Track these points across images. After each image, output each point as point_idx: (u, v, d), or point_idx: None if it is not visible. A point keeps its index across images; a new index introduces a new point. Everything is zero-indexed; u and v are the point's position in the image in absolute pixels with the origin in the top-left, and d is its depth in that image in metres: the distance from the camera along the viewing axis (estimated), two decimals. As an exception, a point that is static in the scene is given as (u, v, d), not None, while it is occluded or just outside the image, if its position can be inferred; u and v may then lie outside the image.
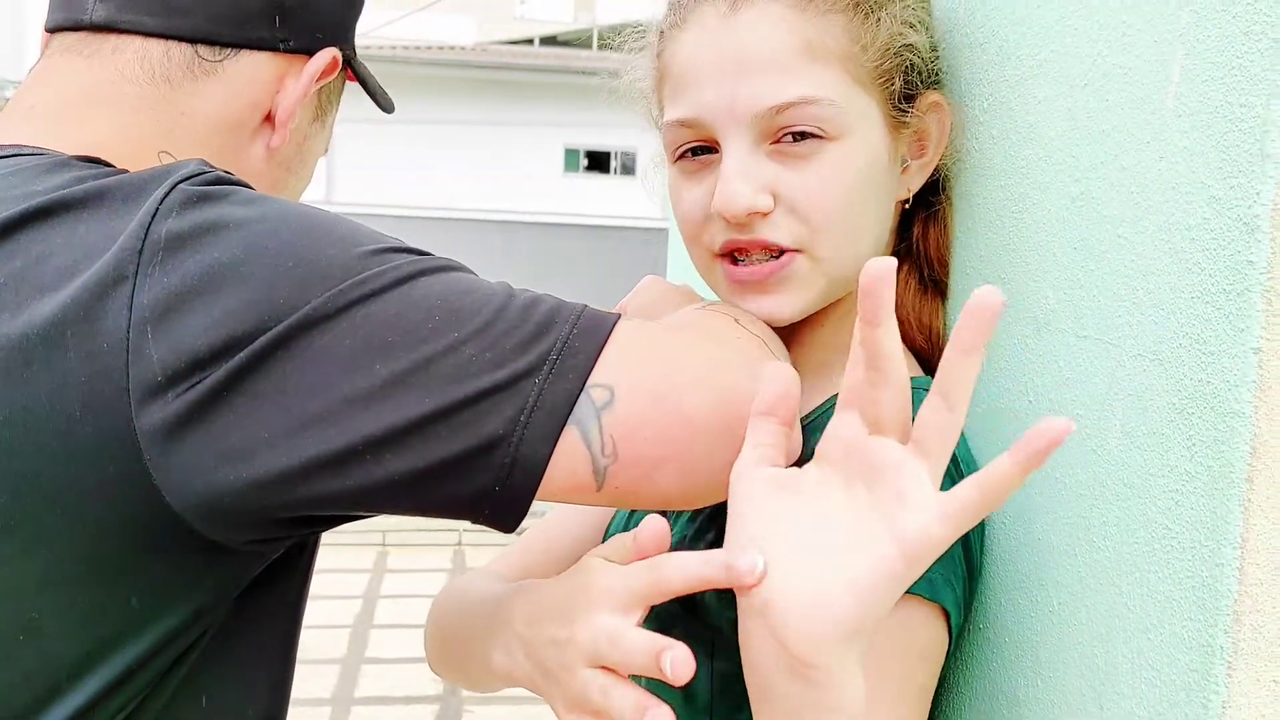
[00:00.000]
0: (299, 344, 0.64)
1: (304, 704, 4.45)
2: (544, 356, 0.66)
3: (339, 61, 0.87)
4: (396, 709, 4.57)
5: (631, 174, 17.47)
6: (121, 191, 0.69)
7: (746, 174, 0.78)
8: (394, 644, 5.08)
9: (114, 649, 0.67)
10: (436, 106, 15.60)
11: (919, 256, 0.89)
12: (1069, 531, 0.73)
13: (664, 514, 0.92)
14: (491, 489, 0.66)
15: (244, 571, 0.72)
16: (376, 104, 0.99)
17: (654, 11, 0.89)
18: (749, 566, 0.59)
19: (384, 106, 0.99)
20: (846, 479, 0.60)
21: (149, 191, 0.68)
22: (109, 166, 0.75)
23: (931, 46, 0.84)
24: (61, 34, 0.83)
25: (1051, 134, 0.77)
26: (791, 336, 0.85)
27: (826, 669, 0.58)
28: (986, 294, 0.53)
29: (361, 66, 0.95)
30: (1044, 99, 0.78)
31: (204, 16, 0.81)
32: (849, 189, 0.79)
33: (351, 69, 0.93)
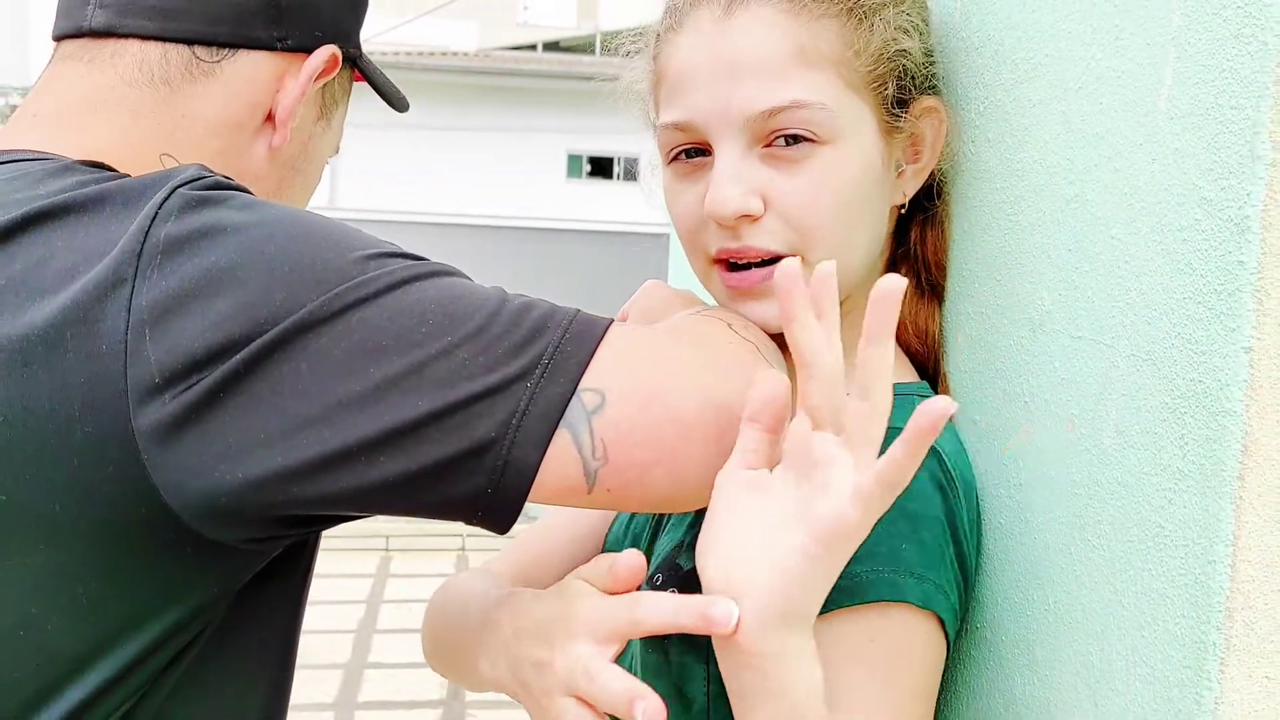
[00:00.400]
0: (294, 347, 0.64)
1: (307, 709, 4.45)
2: (536, 360, 0.67)
3: (339, 59, 0.87)
4: (400, 714, 4.57)
5: (634, 180, 17.47)
6: (122, 196, 0.70)
7: (738, 177, 0.78)
8: (397, 649, 5.08)
9: (114, 645, 0.68)
10: (439, 112, 15.61)
11: (917, 261, 0.89)
12: (1064, 530, 0.73)
13: (662, 517, 0.93)
14: (484, 491, 0.67)
15: (242, 570, 0.72)
16: (389, 103, 0.99)
17: (654, 15, 0.90)
18: (724, 615, 0.61)
19: (396, 105, 0.99)
20: (796, 475, 0.63)
21: (148, 196, 0.69)
22: (111, 171, 0.76)
23: (926, 52, 0.84)
24: (65, 42, 0.84)
25: (1046, 137, 0.77)
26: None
27: (765, 655, 0.61)
28: (888, 282, 0.57)
29: (370, 66, 0.95)
30: (1039, 102, 0.78)
31: (200, 18, 0.81)
32: (841, 193, 0.79)
33: (358, 69, 0.94)
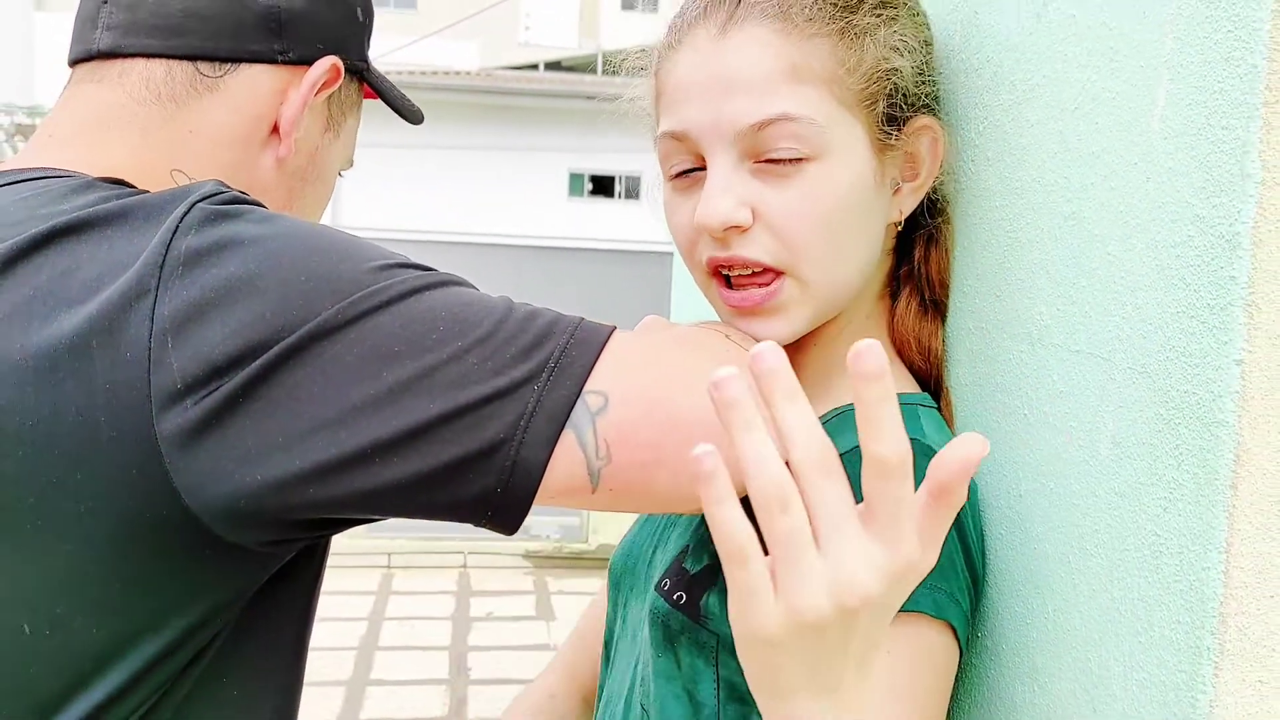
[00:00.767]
0: (310, 353, 0.67)
1: (309, 726, 4.46)
2: (543, 364, 0.69)
3: (340, 71, 0.89)
4: (402, 731, 4.58)
5: (636, 198, 17.53)
6: (143, 210, 0.72)
7: (728, 189, 0.80)
8: (399, 666, 5.09)
9: (135, 644, 0.69)
10: (442, 131, 15.68)
11: (920, 279, 0.91)
12: (1063, 540, 0.75)
13: (669, 528, 0.95)
14: (494, 491, 0.69)
15: (259, 571, 0.74)
16: (401, 115, 1.01)
17: (656, 34, 0.92)
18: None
19: (408, 117, 1.01)
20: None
21: (169, 210, 0.71)
22: (130, 187, 0.78)
23: (920, 71, 0.85)
24: (78, 66, 0.86)
25: (1044, 156, 0.79)
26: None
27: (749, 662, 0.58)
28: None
29: (379, 79, 0.97)
30: (1037, 122, 0.80)
31: (201, 34, 0.84)
32: (830, 208, 0.80)
33: (367, 82, 0.95)
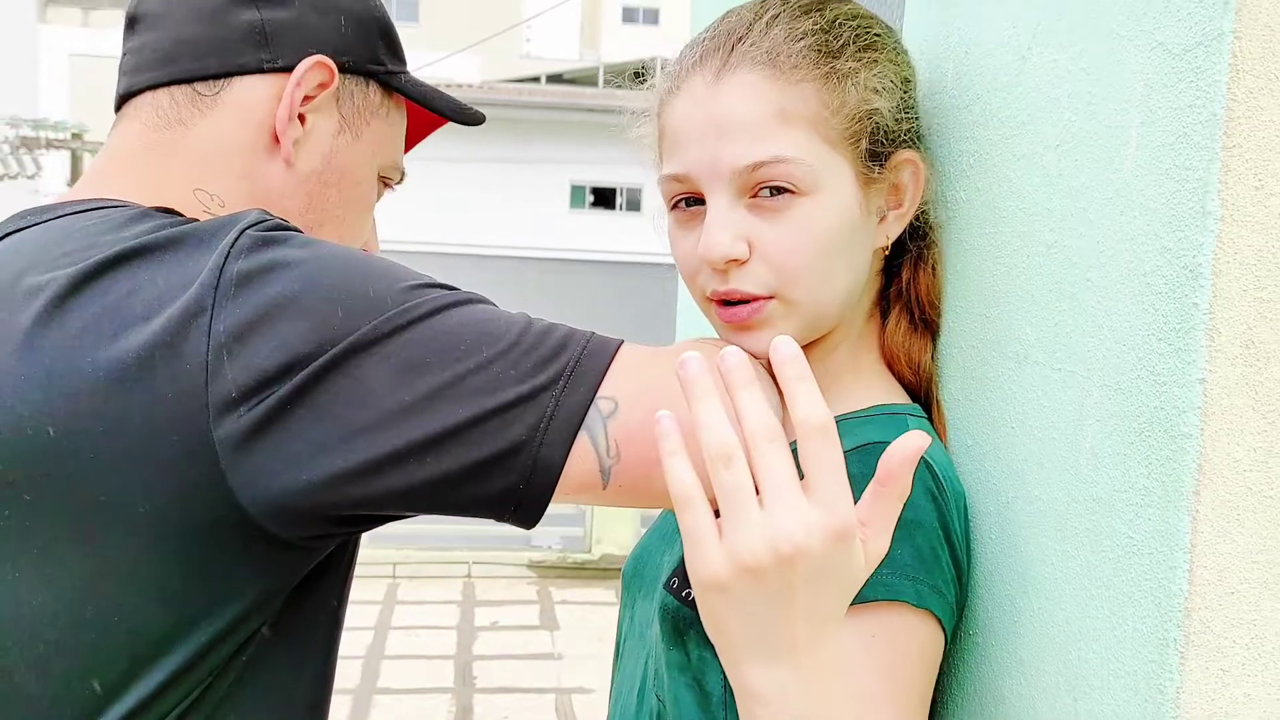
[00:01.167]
0: (351, 364, 0.73)
1: (317, 734, 4.51)
2: (559, 373, 0.76)
3: (331, 68, 0.92)
4: (408, 739, 4.63)
5: (637, 210, 17.62)
6: (196, 237, 0.78)
7: (726, 224, 0.86)
8: (404, 674, 5.14)
9: (192, 630, 0.76)
10: (444, 144, 15.75)
11: (910, 299, 0.98)
12: (1046, 543, 0.82)
13: (678, 529, 1.01)
14: (517, 488, 0.76)
15: (300, 565, 0.80)
16: (448, 118, 1.04)
17: (656, 48, 0.99)
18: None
19: (457, 118, 1.05)
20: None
21: (220, 236, 0.77)
22: (180, 216, 0.85)
23: (900, 108, 0.92)
24: (118, 110, 0.94)
25: (1029, 188, 0.86)
26: None
27: (705, 616, 0.64)
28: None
29: (415, 85, 1.01)
30: (1023, 157, 0.87)
31: (192, 57, 0.90)
32: (820, 238, 0.87)
33: (394, 88, 0.99)
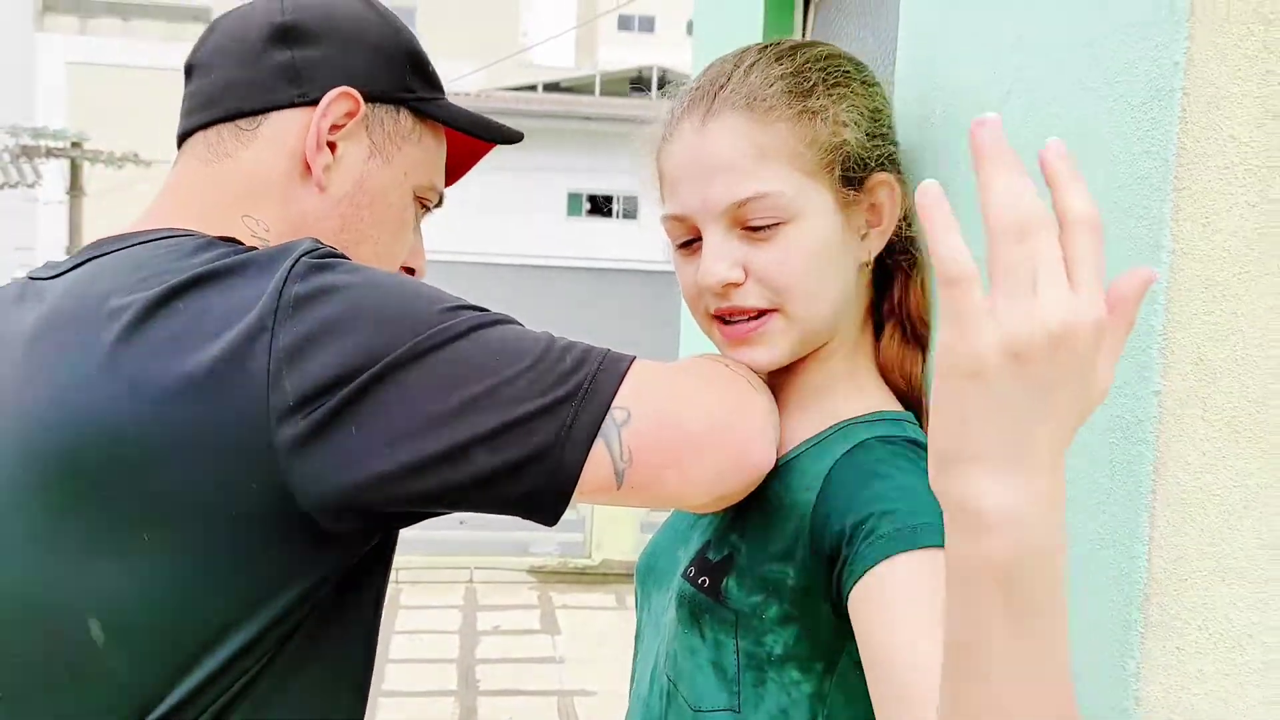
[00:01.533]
0: (395, 378, 0.82)
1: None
2: (579, 386, 0.85)
3: (356, 97, 0.99)
4: (412, 741, 4.70)
5: (633, 218, 17.72)
6: (255, 264, 0.87)
7: (721, 255, 0.97)
8: (408, 677, 5.22)
9: (250, 615, 0.84)
10: (442, 152, 15.82)
11: (902, 316, 1.07)
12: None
13: (696, 521, 1.10)
14: (541, 488, 0.85)
15: (347, 555, 0.89)
16: (483, 139, 1.11)
17: (656, 59, 1.09)
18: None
19: (492, 138, 1.12)
20: None
21: (278, 262, 0.86)
22: (240, 244, 0.94)
23: (871, 136, 1.00)
24: (200, 132, 1.03)
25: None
26: (775, 381, 1.04)
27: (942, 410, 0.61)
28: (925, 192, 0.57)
29: (448, 109, 1.08)
30: (1003, 190, 0.96)
31: (232, 97, 0.99)
32: (807, 258, 0.96)
33: (427, 114, 1.06)
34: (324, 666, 0.93)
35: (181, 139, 1.03)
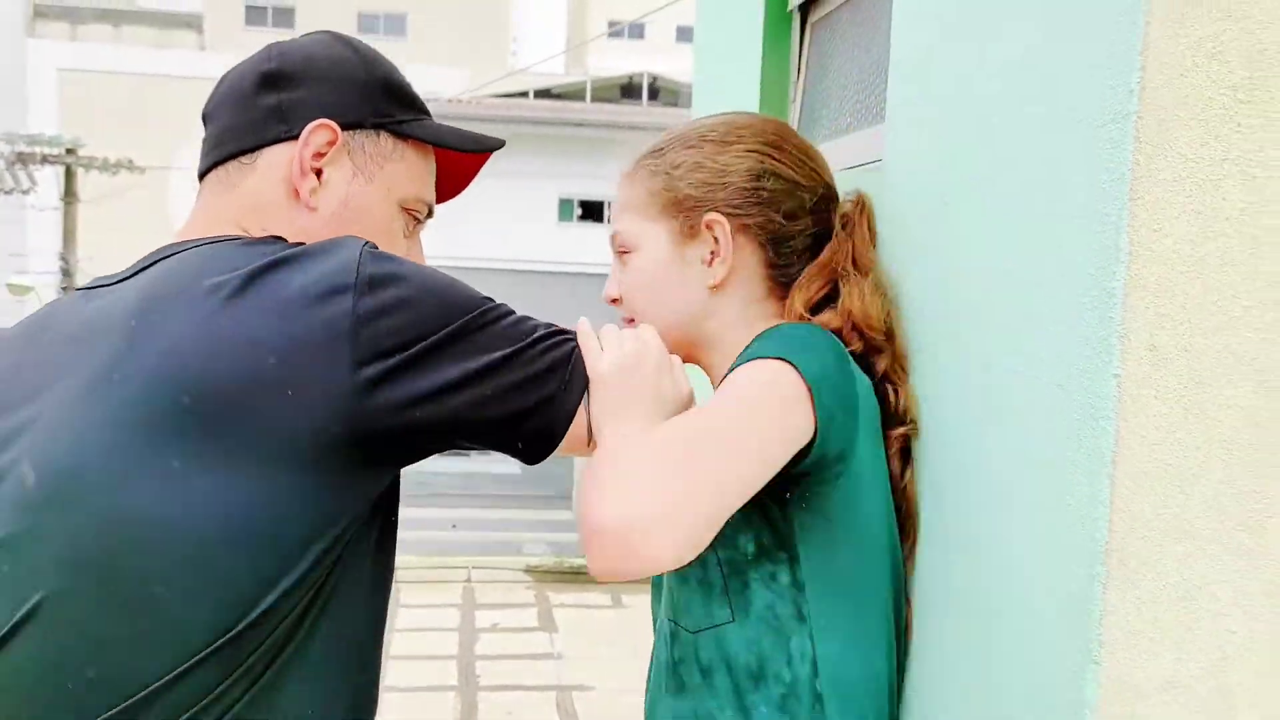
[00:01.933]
0: (442, 348, 1.02)
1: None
2: (566, 356, 1.08)
3: (333, 128, 1.15)
4: (414, 736, 4.79)
5: (625, 223, 17.78)
6: (319, 250, 1.04)
7: (612, 276, 1.31)
8: (410, 673, 5.31)
9: (309, 545, 0.98)
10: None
11: (850, 323, 1.22)
12: (1005, 496, 1.03)
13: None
14: (542, 428, 1.07)
15: (375, 488, 1.05)
16: (466, 152, 1.26)
17: (645, 66, 1.28)
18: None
19: (474, 148, 1.26)
20: None
21: (340, 250, 1.03)
22: (286, 241, 1.09)
23: (704, 185, 1.23)
24: (212, 172, 1.19)
25: (995, 230, 1.07)
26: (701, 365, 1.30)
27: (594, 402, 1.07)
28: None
29: (420, 127, 1.22)
30: (989, 209, 1.08)
31: (234, 140, 1.17)
32: (644, 279, 1.27)
33: (407, 135, 1.20)
34: (354, 604, 1.08)
35: (200, 177, 1.21)
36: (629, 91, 20.43)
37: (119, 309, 1.04)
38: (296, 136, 1.15)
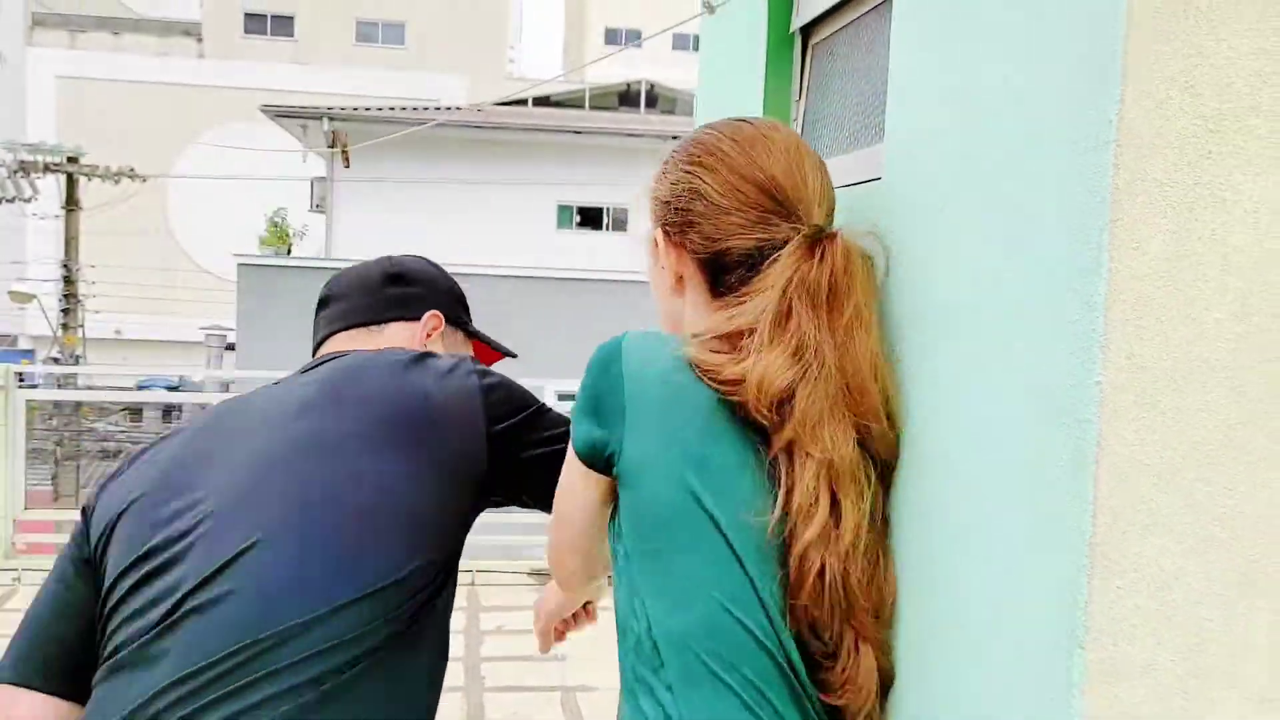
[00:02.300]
0: (522, 420, 1.53)
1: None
2: (566, 420, 1.48)
3: (440, 319, 1.72)
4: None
5: (623, 229, 17.89)
6: (446, 354, 1.59)
7: None
8: (415, 678, 5.38)
9: (451, 540, 1.46)
10: (432, 165, 16.03)
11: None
12: (994, 496, 1.10)
13: None
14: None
15: (476, 514, 1.53)
16: (495, 350, 1.87)
17: (643, 73, 1.38)
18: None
19: (493, 348, 1.86)
20: None
21: (453, 358, 1.55)
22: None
23: (666, 202, 1.40)
24: (341, 333, 1.71)
25: (987, 247, 1.15)
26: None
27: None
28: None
29: (478, 332, 1.82)
30: (978, 227, 1.16)
31: (364, 313, 1.70)
32: (650, 282, 1.48)
33: (468, 333, 1.80)
34: (448, 607, 1.48)
35: (321, 340, 1.70)
36: (626, 99, 20.53)
37: (308, 391, 1.49)
38: (415, 318, 1.70)
